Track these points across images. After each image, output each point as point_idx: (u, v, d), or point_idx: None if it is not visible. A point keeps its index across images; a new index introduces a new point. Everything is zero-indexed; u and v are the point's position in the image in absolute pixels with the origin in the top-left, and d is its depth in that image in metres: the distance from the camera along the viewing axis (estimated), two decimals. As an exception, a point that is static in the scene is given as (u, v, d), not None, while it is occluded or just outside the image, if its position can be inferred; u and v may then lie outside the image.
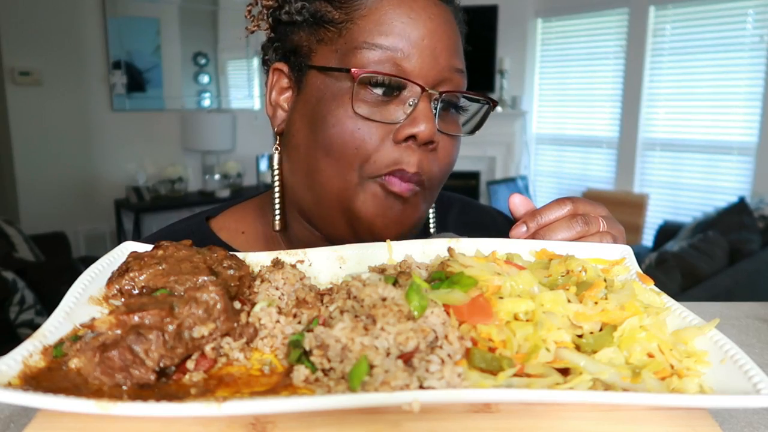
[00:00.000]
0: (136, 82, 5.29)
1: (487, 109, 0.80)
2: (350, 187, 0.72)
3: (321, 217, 0.77)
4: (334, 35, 0.73)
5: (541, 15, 5.85)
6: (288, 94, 0.79)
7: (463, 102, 0.78)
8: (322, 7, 0.74)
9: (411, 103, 0.71)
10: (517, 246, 0.65)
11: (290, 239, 0.84)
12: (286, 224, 0.84)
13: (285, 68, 0.78)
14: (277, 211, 0.82)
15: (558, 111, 6.01)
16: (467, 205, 1.02)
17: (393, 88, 0.71)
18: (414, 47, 0.70)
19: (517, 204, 0.74)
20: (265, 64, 0.83)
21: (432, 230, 0.89)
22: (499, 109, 5.91)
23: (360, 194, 0.72)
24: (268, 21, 0.81)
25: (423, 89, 0.70)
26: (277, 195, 0.82)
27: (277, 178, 0.81)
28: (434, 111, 0.71)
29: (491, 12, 5.74)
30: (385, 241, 0.73)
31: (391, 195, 0.72)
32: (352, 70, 0.69)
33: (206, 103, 5.84)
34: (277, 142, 0.81)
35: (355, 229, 0.75)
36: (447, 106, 0.75)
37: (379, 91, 0.71)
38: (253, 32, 0.83)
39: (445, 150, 0.75)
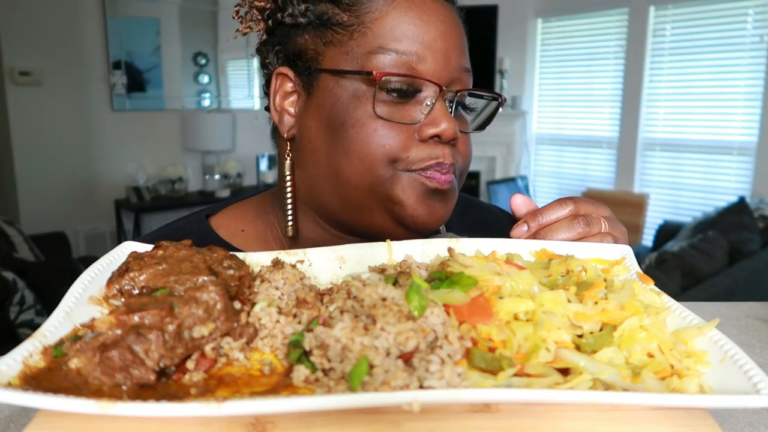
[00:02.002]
0: (136, 82, 5.29)
1: (495, 105, 0.82)
2: (384, 180, 0.72)
3: (352, 214, 0.77)
4: (344, 38, 0.73)
5: (541, 15, 5.85)
6: (293, 98, 0.79)
7: (469, 100, 0.80)
8: (328, 9, 0.74)
9: (428, 103, 0.73)
10: (517, 246, 0.65)
11: (294, 239, 0.84)
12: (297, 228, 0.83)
13: (290, 72, 0.78)
14: (290, 219, 0.81)
15: (558, 111, 6.00)
16: (470, 204, 1.02)
17: (410, 90, 0.72)
18: (427, 50, 0.72)
19: (518, 204, 0.75)
20: (265, 67, 0.82)
21: (442, 228, 0.89)
22: (499, 109, 5.89)
23: (398, 183, 0.72)
24: (266, 23, 0.80)
25: (441, 89, 0.72)
26: (289, 202, 0.81)
27: (289, 185, 0.80)
28: (450, 110, 0.74)
29: (491, 12, 5.73)
30: (424, 231, 0.75)
31: (431, 190, 0.73)
32: (374, 72, 0.70)
33: (206, 103, 5.84)
34: (288, 149, 0.80)
35: (395, 218, 0.74)
36: (457, 105, 0.77)
37: (395, 93, 0.72)
38: (245, 34, 0.82)
39: (463, 146, 0.78)
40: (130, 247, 0.60)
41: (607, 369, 0.45)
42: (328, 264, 0.63)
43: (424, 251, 0.65)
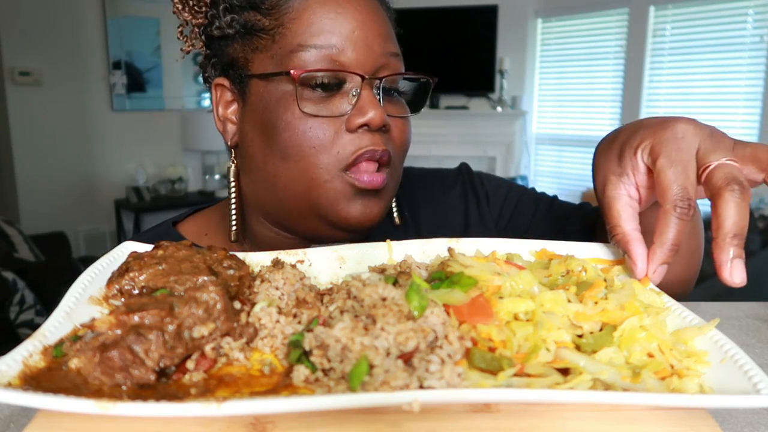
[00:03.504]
0: (136, 82, 5.29)
1: (426, 86, 0.82)
2: (318, 185, 0.73)
3: (292, 219, 0.79)
4: (267, 42, 0.74)
5: (541, 15, 5.84)
6: (234, 107, 0.80)
7: (403, 85, 0.80)
8: (251, 16, 0.75)
9: (354, 93, 0.73)
10: (517, 246, 0.65)
11: (254, 242, 0.86)
12: (249, 230, 0.85)
13: (226, 82, 0.80)
14: (234, 224, 0.82)
15: (558, 111, 6.00)
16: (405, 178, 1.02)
17: (334, 83, 0.73)
18: (346, 40, 0.72)
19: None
20: (207, 81, 0.84)
21: (395, 215, 0.90)
22: (499, 109, 5.91)
23: (330, 190, 0.74)
24: (201, 39, 0.82)
25: (363, 78, 0.72)
26: (233, 207, 0.82)
27: (233, 191, 0.82)
28: (378, 97, 0.74)
29: (491, 12, 5.73)
30: (361, 231, 0.76)
31: (362, 191, 0.74)
32: (292, 72, 0.70)
33: (206, 103, 5.83)
34: (233, 156, 0.82)
35: (330, 223, 0.76)
36: (390, 91, 0.77)
37: (321, 88, 0.72)
38: (188, 52, 0.84)
39: (398, 131, 0.78)
40: (130, 247, 0.60)
41: (607, 369, 0.45)
42: (328, 264, 0.63)
43: (424, 251, 0.65)
